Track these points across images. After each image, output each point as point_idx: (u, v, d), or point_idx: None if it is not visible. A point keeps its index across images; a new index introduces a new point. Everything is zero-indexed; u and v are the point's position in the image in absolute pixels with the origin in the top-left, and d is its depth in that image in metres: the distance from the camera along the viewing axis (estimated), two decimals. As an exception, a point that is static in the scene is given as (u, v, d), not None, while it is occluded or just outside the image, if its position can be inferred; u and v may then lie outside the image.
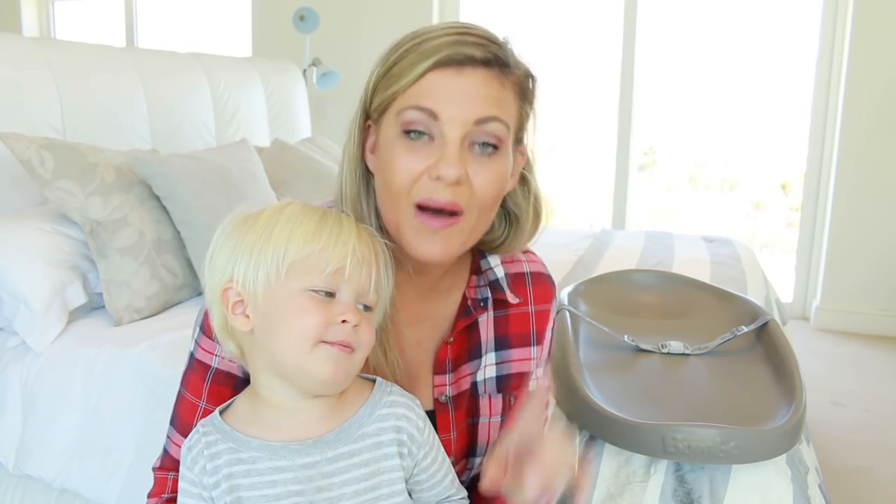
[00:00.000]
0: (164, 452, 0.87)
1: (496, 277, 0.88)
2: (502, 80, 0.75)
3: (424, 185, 0.74)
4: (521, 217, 0.85)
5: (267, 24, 4.13)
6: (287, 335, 0.70)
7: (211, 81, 2.55)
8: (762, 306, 1.57)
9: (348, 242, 0.71)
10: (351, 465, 0.72)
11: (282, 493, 0.71)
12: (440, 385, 0.85)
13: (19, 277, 1.59)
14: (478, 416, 0.87)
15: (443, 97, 0.72)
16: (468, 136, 0.74)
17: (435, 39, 0.73)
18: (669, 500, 1.08)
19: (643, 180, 4.26)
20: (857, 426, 2.49)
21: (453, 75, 0.73)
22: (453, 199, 0.73)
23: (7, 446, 1.61)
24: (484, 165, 0.75)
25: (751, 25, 3.78)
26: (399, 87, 0.74)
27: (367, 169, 0.81)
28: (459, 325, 0.86)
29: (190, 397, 0.84)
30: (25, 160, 1.67)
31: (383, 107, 0.77)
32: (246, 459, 0.72)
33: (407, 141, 0.74)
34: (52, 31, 4.86)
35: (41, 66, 1.95)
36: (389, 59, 0.76)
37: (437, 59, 0.72)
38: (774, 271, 3.17)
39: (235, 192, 1.90)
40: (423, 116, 0.73)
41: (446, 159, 0.72)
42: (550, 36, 3.98)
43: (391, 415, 0.74)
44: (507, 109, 0.76)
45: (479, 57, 0.73)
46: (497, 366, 0.88)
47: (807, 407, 1.19)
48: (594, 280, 1.72)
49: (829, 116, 3.50)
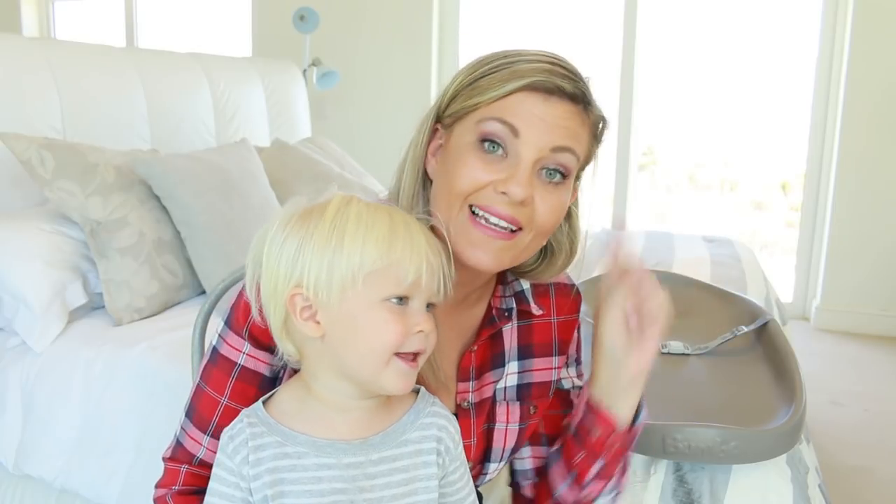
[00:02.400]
0: (176, 444, 0.86)
1: (521, 289, 0.90)
2: (583, 118, 0.77)
3: (487, 195, 0.75)
4: (558, 250, 0.86)
5: (267, 24, 4.13)
6: (366, 347, 0.71)
7: (211, 81, 2.55)
8: (762, 306, 1.57)
9: (422, 251, 0.72)
10: (393, 468, 0.73)
11: (325, 490, 0.72)
12: (464, 392, 0.87)
13: (19, 277, 1.59)
14: (494, 423, 0.89)
15: (527, 118, 0.74)
16: (541, 160, 0.75)
17: (528, 63, 0.75)
18: (669, 500, 1.08)
19: (643, 180, 4.26)
20: (857, 426, 2.49)
21: (541, 101, 0.75)
22: (514, 215, 0.75)
23: (7, 446, 1.61)
24: (549, 192, 0.76)
25: (751, 26, 3.78)
26: (484, 99, 0.76)
27: (425, 171, 0.83)
28: (484, 333, 0.88)
29: (211, 392, 0.84)
30: (25, 160, 1.67)
31: (461, 114, 0.78)
32: (292, 454, 0.72)
33: (481, 151, 0.76)
34: (52, 31, 4.85)
35: (41, 66, 1.95)
36: (478, 71, 0.78)
37: (528, 81, 0.74)
38: (774, 271, 3.17)
39: (235, 192, 1.90)
40: (504, 130, 0.75)
41: (517, 179, 0.74)
42: (550, 36, 3.98)
43: (433, 424, 0.76)
44: (581, 145, 0.78)
45: (568, 90, 0.76)
46: (519, 374, 0.90)
47: (807, 407, 1.19)
48: (594, 280, 1.72)
49: (829, 116, 3.50)
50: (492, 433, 0.88)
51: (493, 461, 0.89)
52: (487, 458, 0.89)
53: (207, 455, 0.84)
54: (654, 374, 1.32)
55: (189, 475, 0.84)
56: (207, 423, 0.83)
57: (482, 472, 0.89)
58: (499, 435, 0.88)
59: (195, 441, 0.84)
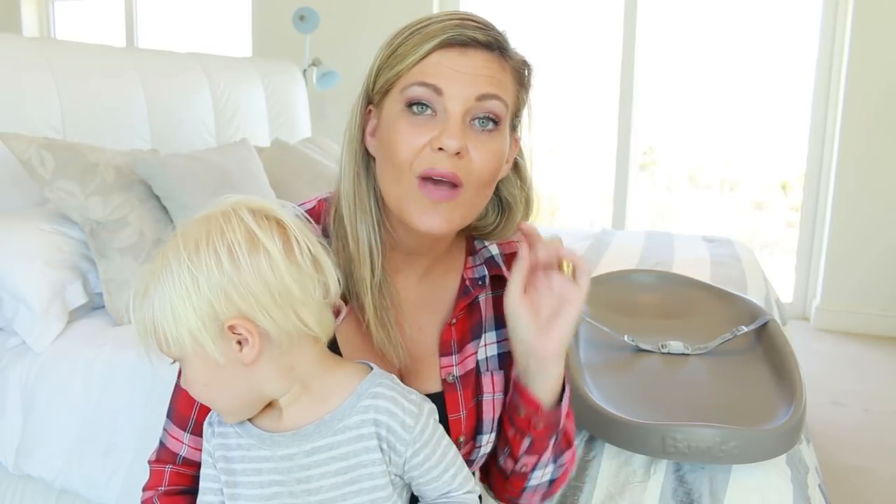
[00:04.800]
0: (160, 445, 0.88)
1: (491, 255, 0.92)
2: (502, 63, 0.79)
3: (427, 157, 0.76)
4: (514, 205, 0.88)
5: (267, 24, 4.13)
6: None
7: (211, 81, 2.55)
8: (762, 306, 1.57)
9: None
10: (329, 457, 0.73)
11: (265, 482, 0.74)
12: (447, 366, 0.87)
13: (19, 277, 1.59)
14: (482, 394, 0.89)
15: (447, 74, 0.76)
16: (469, 111, 0.77)
17: (439, 23, 0.78)
18: (669, 500, 1.08)
19: (643, 180, 4.26)
20: (857, 426, 2.49)
21: (457, 55, 0.77)
22: (454, 170, 0.76)
23: (7, 446, 1.61)
24: (483, 141, 0.78)
25: (751, 26, 3.78)
26: (404, 66, 0.78)
27: (366, 152, 0.84)
28: (460, 305, 0.88)
29: None
30: (25, 160, 1.67)
31: (387, 87, 0.80)
32: (244, 445, 0.75)
33: (410, 116, 0.77)
34: (52, 31, 4.85)
35: (41, 66, 1.95)
36: (394, 43, 0.80)
37: (441, 39, 0.76)
38: (774, 271, 3.17)
39: (235, 192, 1.90)
40: (428, 92, 0.76)
41: (448, 131, 0.75)
42: (550, 36, 3.98)
43: (371, 407, 0.73)
44: (507, 91, 0.79)
45: (482, 40, 0.77)
46: (498, 343, 0.91)
47: (807, 407, 1.19)
48: (594, 280, 1.71)
49: (829, 116, 3.50)
50: (481, 405, 0.89)
51: (485, 432, 0.89)
52: (479, 431, 0.89)
53: (190, 453, 0.85)
54: (654, 373, 1.32)
55: (174, 475, 0.85)
56: (186, 420, 0.84)
57: (476, 445, 0.89)
58: (487, 406, 0.89)
59: (176, 440, 0.86)
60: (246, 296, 0.69)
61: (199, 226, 0.72)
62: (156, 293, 0.70)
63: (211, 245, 0.70)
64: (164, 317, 0.70)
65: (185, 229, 0.72)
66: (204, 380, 0.73)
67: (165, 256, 0.71)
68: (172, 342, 0.70)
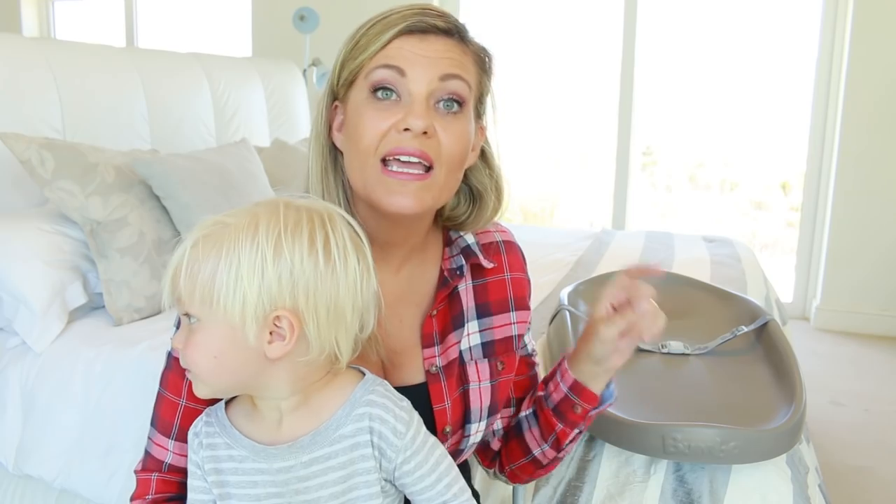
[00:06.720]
0: (145, 454, 0.88)
1: (467, 244, 0.92)
2: (463, 48, 0.81)
3: (392, 138, 0.77)
4: (485, 194, 0.89)
5: (267, 24, 4.13)
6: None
7: (211, 81, 2.55)
8: (762, 306, 1.57)
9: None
10: (327, 468, 0.72)
11: (262, 494, 0.73)
12: (430, 357, 0.87)
13: (19, 277, 1.59)
14: (468, 384, 0.90)
15: (409, 58, 0.78)
16: (433, 93, 0.78)
17: (399, 13, 0.80)
18: (669, 500, 1.08)
19: (643, 180, 4.26)
20: (857, 426, 2.49)
21: (418, 41, 0.79)
22: (422, 148, 0.77)
23: (7, 446, 1.61)
24: (449, 122, 0.79)
25: (751, 25, 3.78)
26: (367, 55, 0.79)
27: (333, 147, 0.85)
28: (440, 296, 0.89)
29: (170, 396, 0.85)
30: (25, 160, 1.67)
31: (351, 78, 0.81)
32: (236, 457, 0.74)
33: (375, 101, 0.79)
34: (52, 31, 4.85)
35: (41, 66, 1.95)
36: (356, 36, 0.82)
37: (402, 27, 0.78)
38: (774, 271, 3.17)
39: (235, 192, 1.91)
40: (391, 73, 0.78)
41: (414, 112, 0.76)
42: (550, 36, 3.98)
43: (366, 414, 0.73)
44: (469, 73, 0.81)
45: (442, 26, 0.80)
46: (481, 333, 0.91)
47: (807, 407, 1.19)
48: (594, 280, 1.72)
49: (829, 116, 3.50)
50: (468, 394, 0.89)
51: (473, 421, 0.90)
52: (468, 420, 0.89)
53: (175, 459, 0.85)
54: (654, 373, 1.32)
55: (160, 482, 0.85)
56: (170, 427, 0.84)
57: (464, 435, 0.90)
58: (474, 395, 0.90)
59: (161, 447, 0.85)
60: (311, 297, 0.68)
61: (298, 213, 0.71)
62: (229, 248, 0.67)
63: (311, 233, 0.69)
64: (226, 275, 0.67)
65: (285, 208, 0.71)
66: (216, 350, 0.70)
67: (255, 218, 0.69)
68: (214, 300, 0.67)
